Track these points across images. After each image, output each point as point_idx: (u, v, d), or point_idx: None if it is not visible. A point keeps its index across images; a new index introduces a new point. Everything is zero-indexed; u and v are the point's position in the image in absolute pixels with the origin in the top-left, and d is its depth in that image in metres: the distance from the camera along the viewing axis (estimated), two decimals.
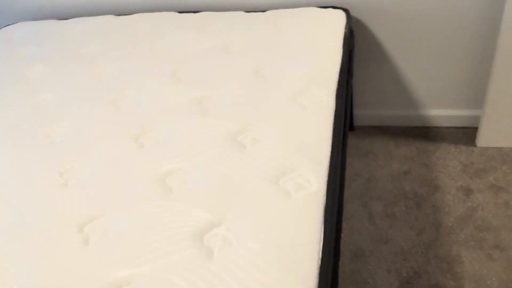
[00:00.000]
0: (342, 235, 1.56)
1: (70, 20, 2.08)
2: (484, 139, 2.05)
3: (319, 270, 0.89)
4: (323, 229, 0.97)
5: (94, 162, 1.25)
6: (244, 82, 1.46)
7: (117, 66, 1.66)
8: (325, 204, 1.03)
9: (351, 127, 2.26)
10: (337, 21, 1.72)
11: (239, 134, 1.26)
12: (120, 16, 2.03)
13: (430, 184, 1.94)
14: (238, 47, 1.65)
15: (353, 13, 1.93)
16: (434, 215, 1.81)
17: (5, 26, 2.16)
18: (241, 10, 1.98)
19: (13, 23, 2.17)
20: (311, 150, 1.16)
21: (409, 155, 2.10)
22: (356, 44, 2.00)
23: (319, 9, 1.82)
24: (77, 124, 1.40)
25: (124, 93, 1.51)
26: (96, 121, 1.40)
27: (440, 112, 2.18)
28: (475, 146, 2.08)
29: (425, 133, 2.20)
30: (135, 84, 1.55)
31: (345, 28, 1.69)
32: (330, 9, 1.82)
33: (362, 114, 2.26)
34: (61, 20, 2.10)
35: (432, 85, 2.11)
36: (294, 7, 1.92)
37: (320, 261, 0.90)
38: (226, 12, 1.93)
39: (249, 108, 1.34)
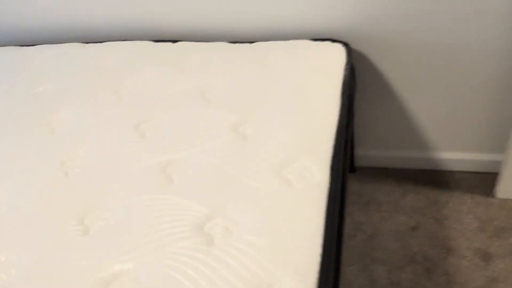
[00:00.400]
0: None
1: (32, 47, 1.82)
2: (505, 190, 1.78)
3: None
4: None
5: (27, 254, 0.99)
6: (221, 143, 1.19)
7: (75, 113, 1.40)
8: None
9: (352, 169, 1.99)
10: (335, 60, 1.45)
11: (207, 221, 1.00)
12: (88, 45, 1.77)
13: (442, 245, 1.67)
14: (217, 93, 1.39)
15: (354, 45, 1.66)
16: (447, 285, 1.54)
17: None
18: (225, 40, 1.71)
19: None
20: (295, 254, 0.90)
21: (417, 205, 1.83)
22: (358, 78, 1.73)
23: (314, 43, 1.55)
24: (16, 196, 1.14)
25: (77, 152, 1.25)
26: (38, 193, 1.14)
27: (454, 156, 1.91)
28: (493, 197, 1.81)
29: (436, 178, 1.93)
30: (92, 139, 1.29)
31: (345, 70, 1.42)
32: (327, 44, 1.55)
33: (365, 154, 1.99)
34: (23, 47, 1.84)
35: (445, 124, 1.85)
36: (286, 38, 1.65)
37: None
38: (208, 43, 1.67)
39: (222, 183, 1.08)
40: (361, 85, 1.77)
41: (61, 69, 1.64)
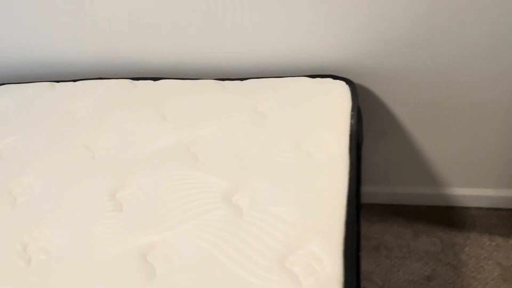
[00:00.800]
0: None
1: None
2: None
3: None
4: None
5: None
6: (211, 220, 1.01)
7: (41, 178, 1.20)
8: None
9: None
10: (339, 104, 1.27)
11: None
12: (59, 85, 1.57)
13: None
14: (205, 149, 1.20)
15: (356, 78, 1.47)
16: None
17: None
18: (213, 75, 1.52)
19: None
20: None
21: (431, 250, 1.66)
22: (363, 113, 1.55)
23: (314, 82, 1.36)
24: None
25: (41, 231, 1.06)
26: None
27: (468, 192, 1.74)
28: None
29: (449, 216, 1.76)
30: (60, 213, 1.10)
31: (352, 117, 1.23)
32: (329, 82, 1.36)
33: (371, 191, 1.81)
34: None
35: (459, 158, 1.67)
36: (280, 73, 1.46)
37: None
38: (193, 81, 1.48)
39: (214, 280, 0.90)
40: (366, 119, 1.59)
41: (27, 118, 1.44)
